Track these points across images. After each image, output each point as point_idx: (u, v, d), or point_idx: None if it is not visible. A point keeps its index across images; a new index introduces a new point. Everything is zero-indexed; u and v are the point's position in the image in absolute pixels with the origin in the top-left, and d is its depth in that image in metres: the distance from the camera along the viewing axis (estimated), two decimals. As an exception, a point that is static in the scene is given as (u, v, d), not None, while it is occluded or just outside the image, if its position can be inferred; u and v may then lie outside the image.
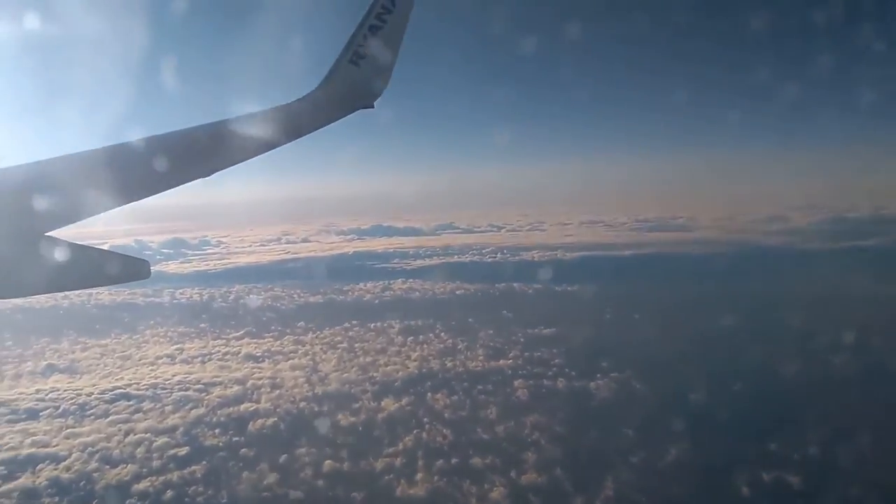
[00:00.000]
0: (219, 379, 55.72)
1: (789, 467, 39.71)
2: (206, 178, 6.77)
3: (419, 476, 39.65)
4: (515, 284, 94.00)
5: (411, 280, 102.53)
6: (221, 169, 6.92)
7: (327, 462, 41.25)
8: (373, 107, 9.16)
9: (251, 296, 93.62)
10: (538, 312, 74.45)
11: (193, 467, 40.61)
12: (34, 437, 45.26)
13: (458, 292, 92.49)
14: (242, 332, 72.19)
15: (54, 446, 43.88)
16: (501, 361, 59.46)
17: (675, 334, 64.85)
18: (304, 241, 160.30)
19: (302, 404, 50.63)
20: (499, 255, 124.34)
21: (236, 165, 7.11)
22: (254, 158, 7.37)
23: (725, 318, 67.70)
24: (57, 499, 37.76)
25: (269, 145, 7.55)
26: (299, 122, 8.04)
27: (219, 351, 65.09)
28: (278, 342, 67.95)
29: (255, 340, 68.89)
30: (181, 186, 6.45)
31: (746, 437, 42.89)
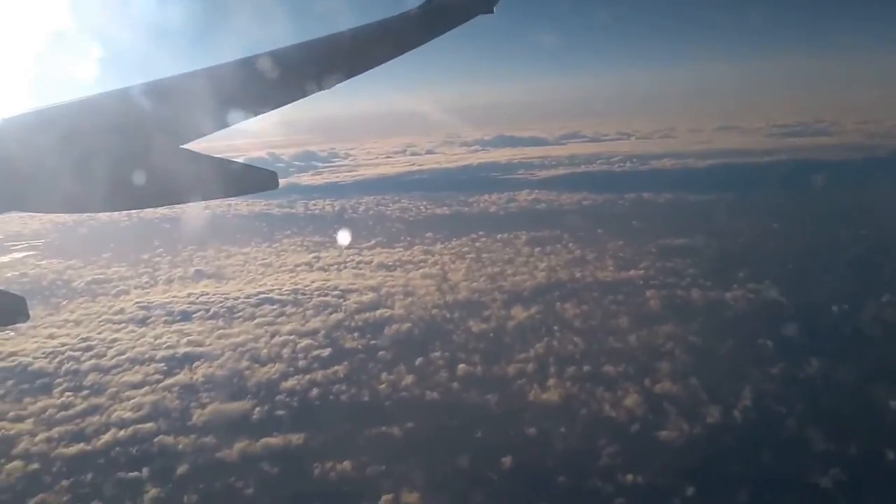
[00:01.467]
0: (354, 286, 57.76)
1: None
2: (329, 90, 6.78)
3: (551, 381, 40.06)
4: (645, 194, 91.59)
5: (537, 191, 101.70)
6: (342, 81, 6.88)
7: (461, 366, 42.21)
8: (492, 12, 8.48)
9: (380, 207, 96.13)
10: (670, 223, 72.38)
11: (336, 367, 42.57)
12: (189, 338, 48.55)
13: (585, 203, 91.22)
14: (374, 241, 74.22)
15: (207, 345, 47.01)
16: (632, 272, 58.36)
17: (816, 245, 61.84)
18: (429, 153, 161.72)
19: (434, 311, 51.87)
20: (627, 163, 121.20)
21: (358, 77, 7.07)
22: (375, 69, 7.29)
23: (872, 229, 63.97)
24: (213, 393, 40.39)
25: (388, 55, 7.35)
26: (418, 29, 7.79)
27: (353, 259, 67.30)
28: (408, 252, 69.55)
29: (386, 250, 70.75)
30: (305, 99, 6.49)
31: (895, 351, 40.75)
